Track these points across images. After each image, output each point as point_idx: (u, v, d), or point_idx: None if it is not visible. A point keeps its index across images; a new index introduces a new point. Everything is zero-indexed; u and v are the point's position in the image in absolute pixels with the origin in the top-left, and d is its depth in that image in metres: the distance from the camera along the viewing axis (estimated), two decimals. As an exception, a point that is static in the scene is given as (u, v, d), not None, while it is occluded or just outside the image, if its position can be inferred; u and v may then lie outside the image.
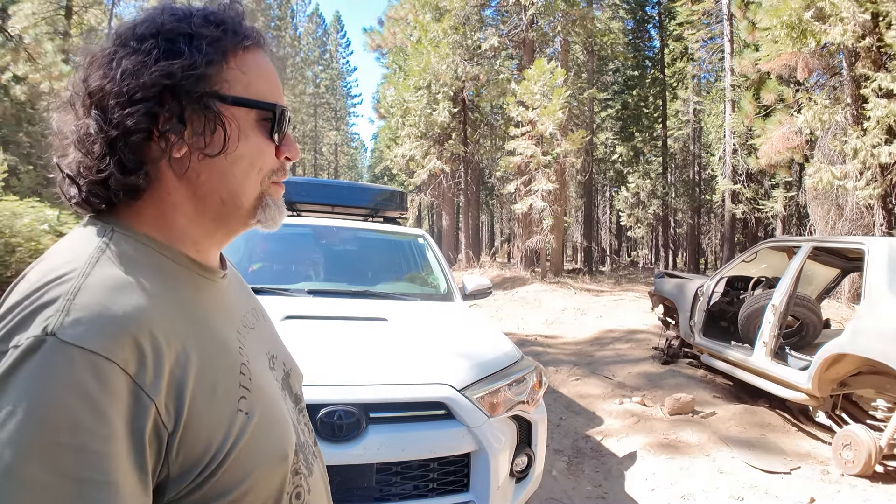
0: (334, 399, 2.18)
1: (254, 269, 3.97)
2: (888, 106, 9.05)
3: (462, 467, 2.31)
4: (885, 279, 4.15)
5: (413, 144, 20.26)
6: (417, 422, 2.29)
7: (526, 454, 2.53)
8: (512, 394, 2.50)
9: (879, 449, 3.89)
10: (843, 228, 11.01)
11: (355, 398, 2.20)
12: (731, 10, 18.46)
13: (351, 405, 2.17)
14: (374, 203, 5.03)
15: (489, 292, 4.18)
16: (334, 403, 2.16)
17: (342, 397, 2.19)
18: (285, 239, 4.28)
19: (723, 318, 6.35)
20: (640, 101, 27.51)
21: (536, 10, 18.04)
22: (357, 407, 2.17)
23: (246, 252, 4.03)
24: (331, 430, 2.13)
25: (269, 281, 3.63)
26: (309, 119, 44.80)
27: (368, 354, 2.52)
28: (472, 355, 2.62)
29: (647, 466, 4.07)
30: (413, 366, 2.49)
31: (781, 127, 12.54)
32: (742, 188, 19.38)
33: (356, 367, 2.39)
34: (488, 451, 2.29)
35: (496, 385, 2.45)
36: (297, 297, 3.30)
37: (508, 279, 16.63)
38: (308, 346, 2.49)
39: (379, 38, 31.15)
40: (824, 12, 9.82)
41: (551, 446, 4.33)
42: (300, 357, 2.41)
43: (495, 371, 2.53)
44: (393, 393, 2.29)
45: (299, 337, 2.58)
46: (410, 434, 2.24)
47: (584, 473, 4.00)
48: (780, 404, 5.20)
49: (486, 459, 2.29)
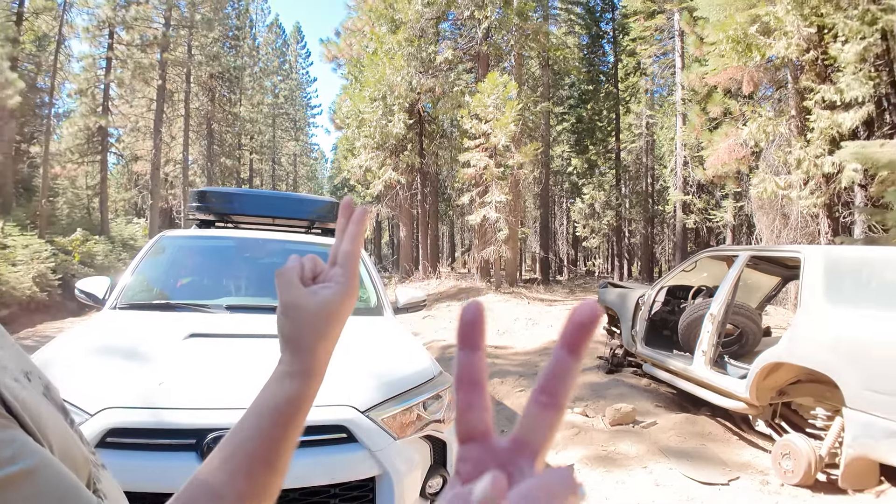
0: (224, 423, 2.00)
1: (182, 283, 3.76)
2: (831, 117, 9.31)
3: (367, 492, 2.17)
4: (820, 287, 4.15)
5: (369, 155, 20.08)
6: (317, 446, 2.14)
7: (441, 475, 2.40)
8: (426, 413, 2.37)
9: (820, 458, 3.86)
10: (788, 237, 11.26)
11: None
12: (682, 26, 18.91)
13: None
14: (313, 215, 4.90)
15: (423, 305, 4.05)
16: (223, 428, 1.99)
17: (232, 421, 1.99)
18: (208, 252, 4.09)
19: (664, 327, 6.35)
20: (595, 115, 28.03)
21: (491, 23, 18.14)
22: None
23: (170, 266, 3.82)
24: None
25: (188, 296, 3.44)
26: (267, 129, 44.14)
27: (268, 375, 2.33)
28: (384, 374, 2.48)
29: (584, 480, 3.96)
30: None
31: (728, 139, 12.82)
32: (693, 199, 19.86)
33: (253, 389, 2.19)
34: (392, 475, 2.15)
35: (406, 404, 2.33)
36: (213, 314, 3.12)
37: (464, 290, 16.55)
38: (204, 366, 2.35)
39: (336, 49, 30.98)
40: (769, 27, 10.08)
41: (490, 462, 4.19)
42: (193, 378, 2.26)
43: (407, 389, 2.41)
44: None
45: (198, 357, 2.43)
46: (309, 459, 2.08)
47: (522, 489, 3.86)
48: (721, 413, 5.17)
49: (391, 484, 2.15)
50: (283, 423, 0.56)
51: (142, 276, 3.54)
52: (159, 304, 3.24)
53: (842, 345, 3.74)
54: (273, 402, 0.56)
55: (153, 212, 24.68)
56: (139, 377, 2.19)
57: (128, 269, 3.57)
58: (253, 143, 41.68)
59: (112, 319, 3.01)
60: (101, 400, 2.01)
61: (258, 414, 0.56)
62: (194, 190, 4.66)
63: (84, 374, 2.20)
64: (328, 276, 0.59)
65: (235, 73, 34.28)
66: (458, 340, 0.34)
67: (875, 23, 8.54)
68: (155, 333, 2.69)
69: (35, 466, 0.42)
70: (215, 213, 4.59)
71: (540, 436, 0.30)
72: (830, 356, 3.79)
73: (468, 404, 0.33)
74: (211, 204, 4.55)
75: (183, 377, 2.23)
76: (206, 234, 4.24)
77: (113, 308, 3.17)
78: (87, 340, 2.62)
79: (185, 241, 4.08)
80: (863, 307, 3.83)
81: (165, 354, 2.41)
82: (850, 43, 8.70)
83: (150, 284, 3.56)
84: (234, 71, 33.94)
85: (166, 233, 4.13)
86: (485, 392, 0.33)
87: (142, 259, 3.63)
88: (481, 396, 0.33)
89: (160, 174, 26.43)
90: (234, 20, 36.14)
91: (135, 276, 3.47)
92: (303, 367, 0.57)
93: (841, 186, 9.41)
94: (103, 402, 2.01)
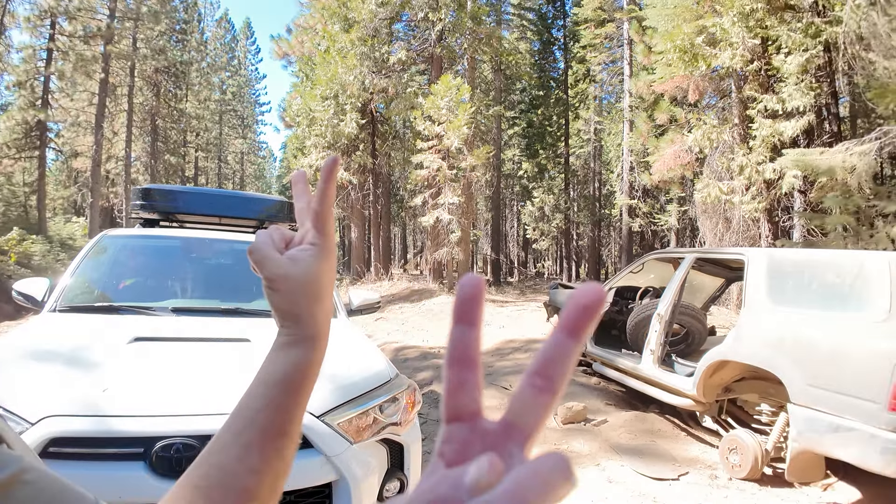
0: (172, 431, 1.93)
1: (125, 285, 3.60)
2: (773, 126, 9.71)
3: (323, 498, 2.12)
4: (763, 288, 4.30)
5: (320, 154, 19.81)
6: None
7: (398, 478, 2.37)
8: (383, 416, 2.34)
9: (766, 452, 4.00)
10: (730, 240, 11.68)
11: (197, 429, 1.95)
12: (631, 34, 19.42)
13: (192, 437, 1.93)
14: (263, 214, 4.79)
15: (377, 307, 3.99)
16: (172, 436, 1.92)
17: (182, 429, 1.95)
18: (153, 252, 3.92)
19: (613, 326, 6.48)
20: (545, 120, 28.48)
21: (445, 26, 18.20)
22: (199, 439, 1.93)
23: (112, 267, 3.65)
24: (168, 466, 1.88)
25: (132, 299, 3.29)
26: (214, 126, 43.00)
27: (218, 380, 2.26)
28: (338, 377, 2.42)
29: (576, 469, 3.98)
30: None
31: (673, 145, 13.22)
32: (639, 203, 20.44)
33: (202, 395, 2.12)
34: (349, 480, 2.11)
35: (362, 408, 2.29)
36: (158, 317, 2.99)
37: (416, 291, 16.51)
38: (151, 371, 2.25)
39: (287, 45, 30.51)
40: (715, 38, 10.44)
41: (443, 464, 4.18)
42: (140, 383, 2.16)
43: (363, 393, 2.36)
44: None
45: (144, 361, 2.33)
46: None
47: (476, 490, 3.85)
48: (670, 410, 5.30)
49: (348, 489, 2.10)
50: (294, 390, 0.55)
51: (83, 277, 3.37)
52: (101, 307, 3.08)
53: (785, 343, 3.88)
54: (281, 372, 0.54)
55: (94, 210, 23.66)
56: (82, 383, 2.08)
57: (68, 269, 3.40)
58: (199, 140, 40.54)
59: (52, 322, 2.86)
60: (42, 408, 1.90)
61: (265, 385, 0.54)
62: (137, 188, 4.49)
63: (23, 381, 2.07)
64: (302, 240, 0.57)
65: (182, 67, 33.24)
66: (454, 315, 0.31)
67: (819, 35, 8.95)
68: (97, 337, 2.56)
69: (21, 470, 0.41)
70: (160, 211, 4.43)
71: (532, 420, 0.28)
72: (774, 354, 3.93)
73: (460, 382, 0.31)
74: (155, 202, 4.39)
75: (128, 383, 2.13)
76: (150, 233, 4.08)
77: (52, 311, 3.01)
78: (25, 345, 2.47)
79: (129, 241, 3.91)
80: (805, 307, 3.98)
81: (109, 359, 2.29)
82: (794, 54, 9.09)
83: (91, 286, 3.39)
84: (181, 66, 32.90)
85: (108, 232, 3.94)
86: (479, 370, 0.31)
87: (82, 259, 3.46)
88: (475, 374, 0.31)
89: (101, 171, 25.39)
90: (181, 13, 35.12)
91: (75, 277, 3.30)
92: (306, 333, 0.56)
93: (781, 192, 9.82)
94: (44, 409, 1.90)
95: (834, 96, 10.58)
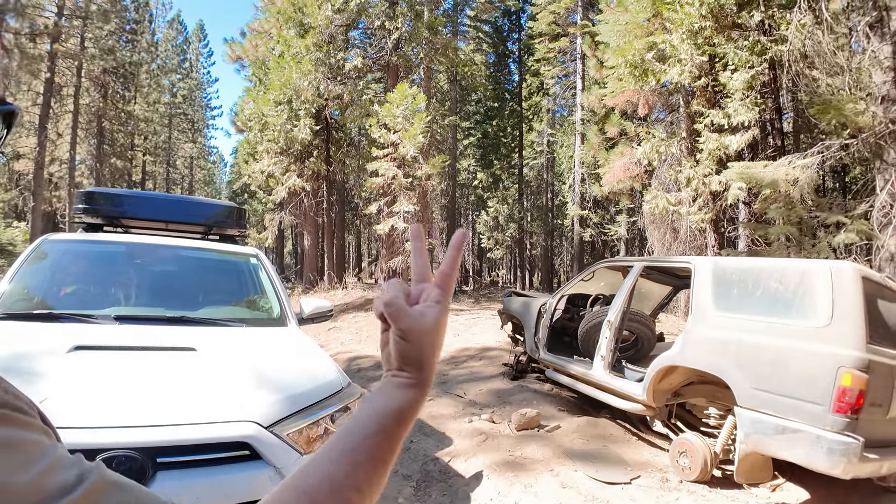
0: (112, 443, 1.84)
1: (66, 292, 3.43)
2: (719, 139, 10.04)
3: None
4: (710, 295, 4.43)
5: (272, 160, 19.49)
6: (218, 465, 1.99)
7: None
8: (335, 426, 2.28)
9: (714, 455, 4.11)
10: (678, 250, 12.02)
11: (139, 441, 1.87)
12: (584, 49, 19.86)
13: (133, 449, 1.85)
14: (211, 220, 4.67)
15: (329, 315, 3.91)
16: (112, 448, 1.83)
17: (122, 440, 1.86)
18: (96, 258, 3.75)
19: (565, 333, 6.56)
20: (500, 131, 28.85)
21: (401, 35, 18.23)
22: (141, 451, 1.85)
23: (53, 273, 3.48)
24: None
25: (73, 306, 3.11)
26: (163, 130, 41.81)
27: (163, 390, 2.17)
28: (288, 387, 2.36)
29: (493, 486, 3.99)
30: (214, 402, 2.17)
31: (623, 158, 13.55)
32: (590, 214, 20.87)
33: (144, 406, 2.04)
34: None
35: (313, 418, 2.23)
36: (100, 325, 2.84)
37: (371, 300, 16.36)
38: (92, 381, 2.15)
39: (240, 49, 29.97)
40: (665, 54, 10.75)
41: (400, 472, 4.17)
42: (80, 394, 2.05)
43: (313, 402, 2.31)
44: (186, 433, 1.96)
45: (85, 371, 2.22)
46: (208, 480, 1.93)
47: (432, 498, 3.83)
48: (621, 415, 5.39)
49: None
50: (404, 423, 0.62)
51: (21, 283, 3.19)
52: (40, 314, 2.92)
53: (731, 348, 4.00)
54: (398, 406, 0.61)
55: (35, 214, 22.62)
56: None
57: (5, 275, 3.22)
58: (147, 143, 39.32)
59: None
60: None
61: (381, 415, 0.61)
62: (81, 191, 4.31)
63: None
64: (428, 297, 0.65)
65: (131, 69, 32.16)
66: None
67: (765, 53, 9.32)
68: (36, 346, 2.43)
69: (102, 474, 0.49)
70: (104, 216, 4.27)
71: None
72: (721, 359, 4.05)
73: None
74: (99, 206, 4.23)
75: (68, 393, 2.02)
76: (93, 238, 3.91)
77: None
78: None
79: (70, 246, 3.74)
80: (750, 313, 4.11)
81: (48, 369, 2.17)
82: (740, 71, 9.44)
83: (30, 292, 3.21)
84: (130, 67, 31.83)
85: (49, 236, 3.75)
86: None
87: (21, 265, 3.29)
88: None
89: (44, 174, 24.34)
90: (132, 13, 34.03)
91: (13, 283, 3.13)
92: (423, 378, 0.63)
93: (727, 203, 10.15)
94: None
95: (778, 112, 11.04)
